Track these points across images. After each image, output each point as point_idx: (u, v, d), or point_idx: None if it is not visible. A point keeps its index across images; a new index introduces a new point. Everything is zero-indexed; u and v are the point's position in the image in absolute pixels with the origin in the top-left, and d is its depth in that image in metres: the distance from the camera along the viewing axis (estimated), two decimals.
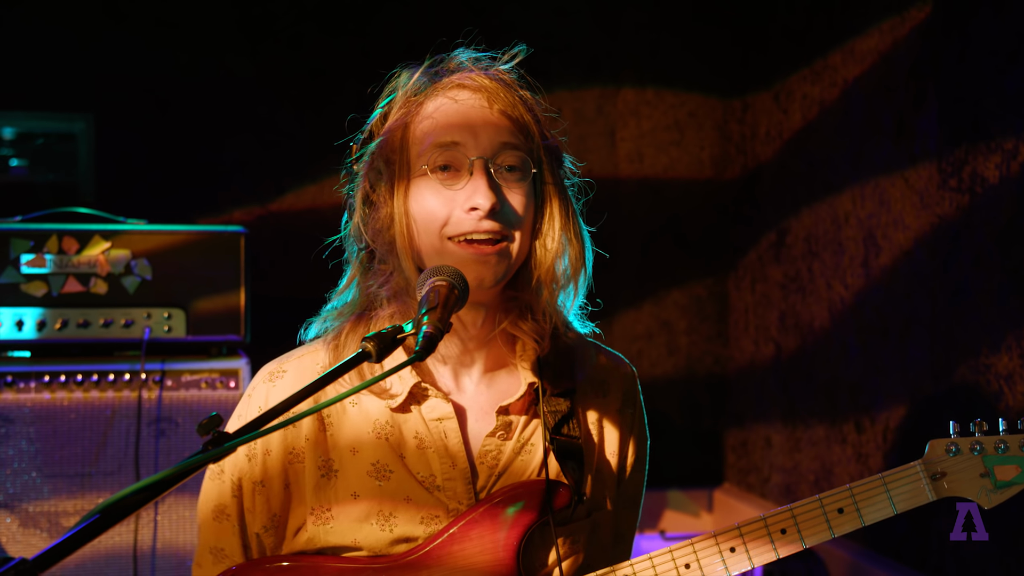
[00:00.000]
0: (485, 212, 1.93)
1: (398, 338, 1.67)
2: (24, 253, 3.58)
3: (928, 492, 2.02)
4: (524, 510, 1.97)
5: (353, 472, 2.00)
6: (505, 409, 2.05)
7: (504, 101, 2.02)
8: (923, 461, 2.02)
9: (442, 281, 1.79)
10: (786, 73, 4.91)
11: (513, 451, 2.04)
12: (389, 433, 2.02)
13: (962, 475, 2.02)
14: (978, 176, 3.56)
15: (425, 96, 2.03)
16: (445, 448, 2.01)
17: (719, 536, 1.98)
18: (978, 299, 3.57)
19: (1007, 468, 2.01)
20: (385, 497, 1.99)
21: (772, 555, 1.99)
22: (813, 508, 2.00)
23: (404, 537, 1.97)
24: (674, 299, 5.45)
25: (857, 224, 4.29)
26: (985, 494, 2.02)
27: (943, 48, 3.76)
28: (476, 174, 1.95)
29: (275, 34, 4.93)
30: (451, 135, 1.97)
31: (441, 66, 2.07)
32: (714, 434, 5.50)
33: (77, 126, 4.32)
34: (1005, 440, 2.01)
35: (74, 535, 1.37)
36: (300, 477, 2.03)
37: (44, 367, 3.53)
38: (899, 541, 4.01)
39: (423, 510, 1.99)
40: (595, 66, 5.35)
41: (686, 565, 1.97)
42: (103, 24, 4.74)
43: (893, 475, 2.02)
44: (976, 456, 2.01)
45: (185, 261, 3.71)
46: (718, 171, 5.46)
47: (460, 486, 2.00)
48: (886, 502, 2.01)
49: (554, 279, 2.05)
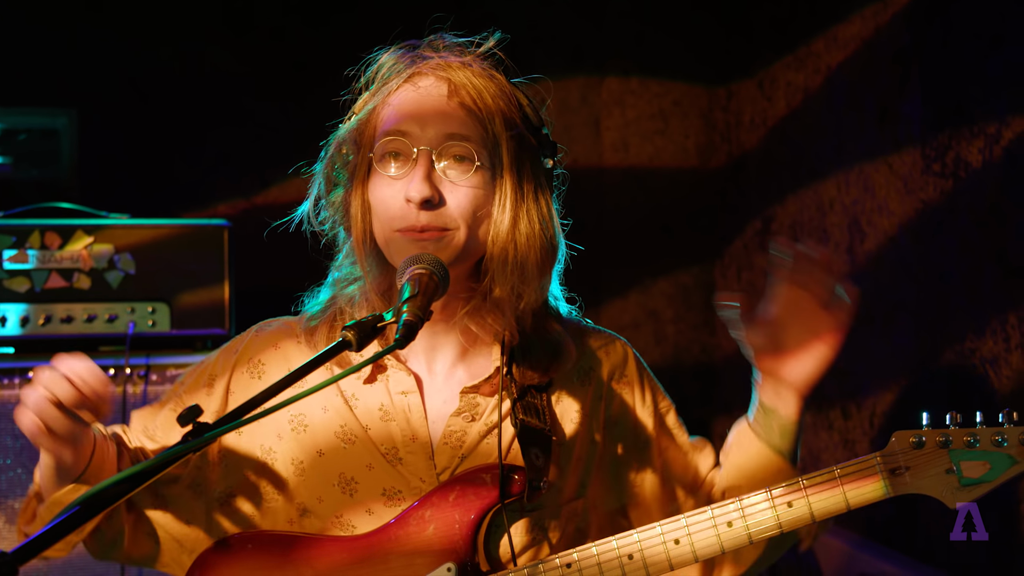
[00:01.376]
0: (417, 204, 1.93)
1: (378, 327, 1.67)
2: (6, 249, 3.56)
3: (885, 488, 1.88)
4: (480, 494, 1.96)
5: (322, 430, 2.04)
6: (472, 389, 2.05)
7: (466, 90, 2.00)
8: (883, 454, 1.89)
9: (422, 269, 1.79)
10: (770, 60, 4.91)
11: (479, 433, 2.04)
12: (355, 403, 2.05)
13: (924, 470, 1.87)
14: (962, 161, 3.56)
15: (396, 82, 2.03)
16: (407, 421, 2.03)
17: (665, 528, 1.94)
18: (962, 284, 3.58)
19: (975, 464, 1.84)
20: (349, 461, 2.01)
21: (717, 548, 1.93)
22: (761, 502, 1.93)
23: (366, 507, 1.99)
24: (661, 288, 5.45)
25: (842, 210, 4.29)
26: (950, 492, 1.85)
27: (926, 33, 3.76)
28: (419, 165, 1.95)
29: (258, 27, 4.91)
30: (400, 124, 1.97)
31: (416, 52, 2.06)
32: (702, 423, 5.50)
33: (59, 122, 4.29)
34: (976, 433, 1.84)
35: (54, 527, 1.36)
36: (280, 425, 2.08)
37: (28, 363, 3.52)
38: (888, 525, 4.02)
39: (384, 482, 2.00)
40: (579, 55, 5.34)
41: (629, 556, 1.94)
42: (85, 19, 4.71)
43: (847, 468, 1.91)
44: (942, 450, 1.85)
45: (169, 255, 3.69)
46: (703, 159, 5.46)
47: (421, 461, 2.01)
48: (840, 497, 1.91)
49: (511, 270, 2.01)
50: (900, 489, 1.89)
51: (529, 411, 2.05)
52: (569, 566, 1.95)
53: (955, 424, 1.87)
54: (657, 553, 1.94)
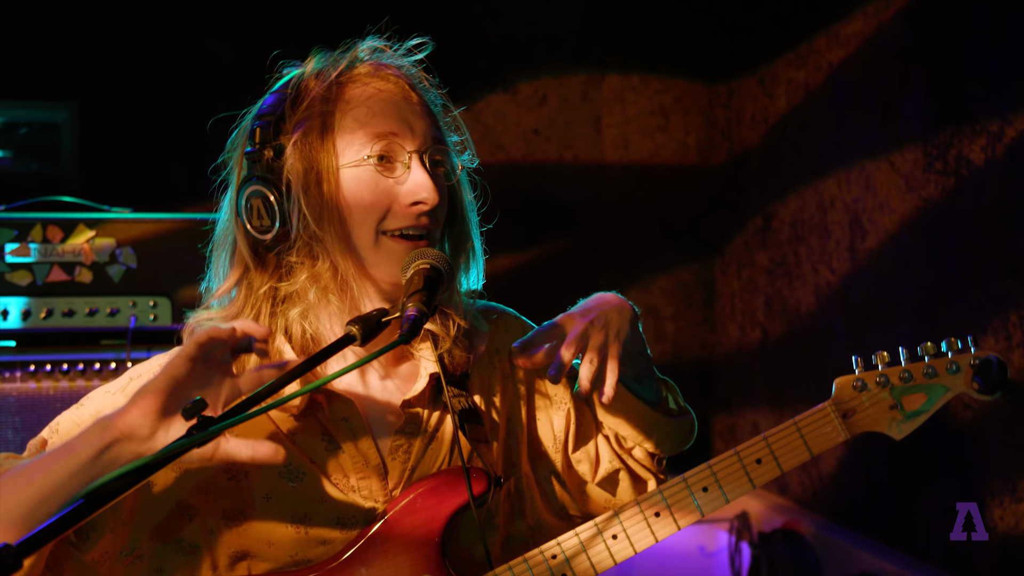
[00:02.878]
0: (429, 207, 1.90)
1: (383, 321, 1.67)
2: (8, 242, 3.56)
3: (841, 431, 2.00)
4: (443, 501, 1.93)
5: (264, 474, 1.91)
6: (409, 402, 1.98)
7: (422, 95, 1.99)
8: (832, 401, 2.01)
9: (426, 264, 1.78)
10: (771, 58, 4.90)
11: (424, 443, 1.99)
12: (295, 437, 1.93)
13: (871, 410, 2.00)
14: (963, 159, 3.56)
15: (346, 82, 1.97)
16: (355, 447, 1.94)
17: (643, 504, 1.98)
18: (964, 282, 3.58)
19: (914, 397, 1.99)
20: (300, 499, 1.91)
21: (697, 514, 1.99)
22: (731, 462, 2.02)
23: (320, 539, 1.91)
24: (660, 285, 5.45)
25: (843, 208, 4.29)
26: (896, 425, 1.99)
27: (928, 31, 3.76)
28: (415, 167, 1.91)
29: (258, 21, 4.91)
30: (388, 125, 1.92)
31: (351, 53, 2.03)
32: (701, 420, 5.48)
33: (60, 115, 4.28)
34: (908, 369, 1.98)
35: (58, 521, 1.36)
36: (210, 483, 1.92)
37: (29, 356, 3.51)
38: (886, 523, 4.03)
39: (339, 510, 1.93)
40: (580, 52, 5.33)
41: (613, 536, 1.96)
42: (85, 12, 4.71)
43: (805, 419, 2.01)
44: (883, 390, 2.00)
45: (170, 249, 3.68)
46: (704, 157, 5.46)
47: (375, 484, 1.95)
48: (802, 446, 2.01)
49: (465, 269, 2.05)
50: (853, 429, 2.01)
51: (465, 411, 2.02)
52: (555, 557, 1.96)
53: (884, 364, 2.00)
54: (640, 529, 1.97)
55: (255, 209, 1.94)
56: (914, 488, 3.87)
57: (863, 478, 4.23)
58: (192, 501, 1.91)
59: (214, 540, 1.92)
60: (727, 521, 4.72)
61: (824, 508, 4.48)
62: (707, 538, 4.82)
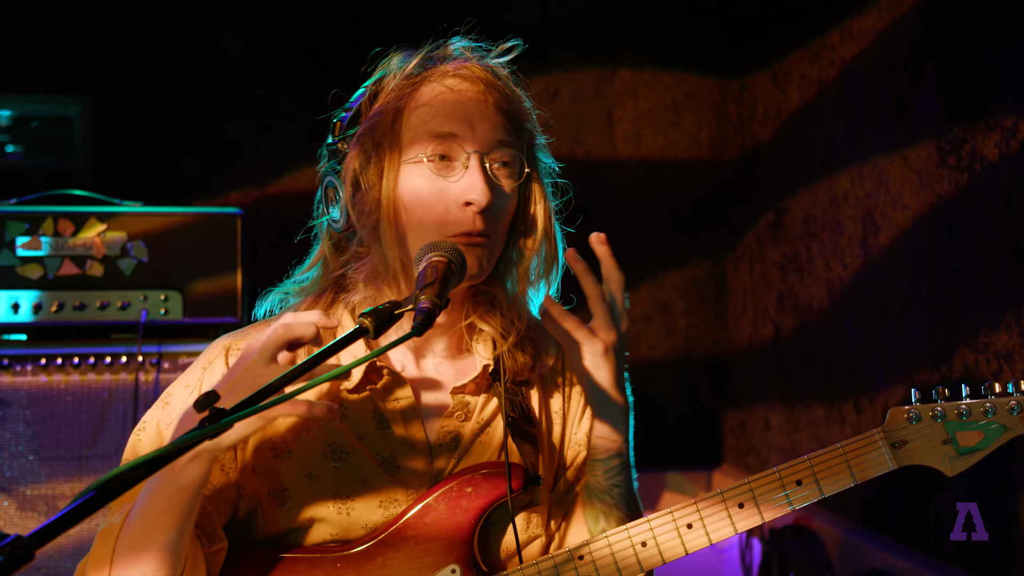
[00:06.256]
0: (480, 208, 1.91)
1: (396, 313, 1.66)
2: (20, 236, 3.56)
3: (888, 461, 1.95)
4: (479, 492, 1.95)
5: (307, 452, 1.96)
6: (460, 389, 2.02)
7: (499, 96, 2.00)
8: (883, 429, 1.97)
9: (440, 257, 1.79)
10: (784, 53, 4.89)
11: (472, 432, 2.03)
12: (345, 414, 1.99)
13: (923, 442, 1.96)
14: (977, 154, 3.55)
15: (421, 81, 1.99)
16: (404, 428, 1.99)
17: (676, 514, 1.95)
18: (977, 278, 3.57)
19: (969, 434, 1.95)
20: (342, 478, 1.95)
21: (730, 530, 1.95)
22: (771, 481, 1.96)
23: (361, 522, 1.95)
24: (672, 281, 5.44)
25: (856, 204, 4.27)
26: (948, 461, 1.96)
27: (942, 26, 3.74)
28: (472, 168, 1.93)
29: (271, 16, 4.91)
30: (449, 126, 1.94)
31: (436, 52, 2.04)
32: (713, 415, 5.49)
33: (72, 109, 4.29)
34: (968, 406, 1.95)
35: (70, 512, 1.36)
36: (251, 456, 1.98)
37: (40, 350, 3.52)
38: (898, 520, 4.01)
39: (381, 492, 1.96)
40: (592, 47, 5.32)
41: (643, 543, 1.95)
42: (97, 6, 4.71)
43: (852, 444, 1.97)
44: (938, 423, 1.95)
45: (181, 243, 3.69)
46: (716, 152, 5.45)
47: (420, 466, 1.99)
48: (845, 472, 1.96)
49: (529, 277, 2.07)
50: (902, 461, 1.96)
51: (517, 408, 2.05)
52: (581, 558, 1.95)
53: (943, 399, 1.97)
54: (670, 539, 1.95)
55: (331, 200, 2.04)
56: (926, 485, 3.86)
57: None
58: (240, 480, 1.96)
59: (260, 519, 1.97)
60: None
61: (836, 504, 4.47)
62: None
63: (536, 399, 2.13)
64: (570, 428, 2.16)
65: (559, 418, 2.15)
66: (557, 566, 1.96)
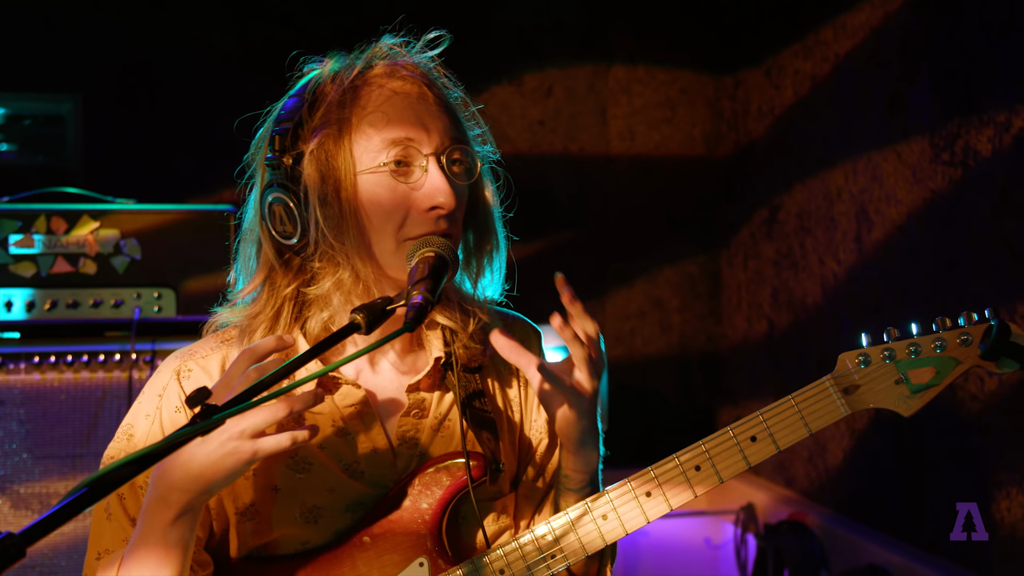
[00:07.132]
0: (447, 211, 1.89)
1: (387, 309, 1.66)
2: (12, 233, 3.56)
3: (841, 407, 1.91)
4: (442, 484, 1.94)
5: (271, 467, 1.94)
6: (415, 386, 2.00)
7: (439, 92, 1.97)
8: (833, 376, 1.92)
9: (431, 252, 1.79)
10: (778, 49, 4.89)
11: (431, 428, 2.01)
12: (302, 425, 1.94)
13: (875, 384, 1.91)
14: (971, 149, 3.55)
15: (361, 84, 1.94)
16: (364, 433, 1.97)
17: (634, 483, 1.93)
18: (971, 272, 3.57)
19: (921, 372, 1.89)
20: (307, 490, 1.94)
21: (689, 494, 1.93)
22: (725, 440, 1.93)
23: (332, 530, 1.94)
24: (666, 277, 5.44)
25: (849, 199, 4.28)
26: (902, 401, 1.90)
27: (935, 21, 3.74)
28: (432, 171, 1.90)
29: (264, 13, 4.90)
30: (403, 130, 1.90)
31: (368, 54, 2.00)
32: (708, 412, 5.50)
33: (65, 107, 4.28)
34: (917, 343, 1.90)
35: (61, 509, 1.35)
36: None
37: (34, 348, 3.51)
38: (894, 515, 4.02)
39: (348, 499, 1.95)
40: (586, 43, 5.32)
41: (603, 516, 1.93)
42: (90, 3, 4.71)
43: (803, 395, 1.92)
44: (888, 364, 1.90)
45: (175, 240, 3.68)
46: (710, 148, 5.45)
47: (384, 468, 1.97)
48: (799, 423, 1.91)
49: (485, 264, 2.05)
50: (855, 406, 1.93)
51: (472, 398, 2.03)
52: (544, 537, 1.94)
53: (893, 339, 1.92)
54: (631, 509, 1.94)
55: (278, 215, 1.94)
56: (921, 480, 3.86)
57: (870, 469, 4.22)
58: (212, 503, 1.95)
59: (232, 536, 1.95)
60: (733, 513, 4.71)
61: (830, 500, 4.48)
62: (713, 530, 4.81)
63: (492, 386, 2.11)
64: (528, 414, 2.15)
65: (516, 405, 2.14)
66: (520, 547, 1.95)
